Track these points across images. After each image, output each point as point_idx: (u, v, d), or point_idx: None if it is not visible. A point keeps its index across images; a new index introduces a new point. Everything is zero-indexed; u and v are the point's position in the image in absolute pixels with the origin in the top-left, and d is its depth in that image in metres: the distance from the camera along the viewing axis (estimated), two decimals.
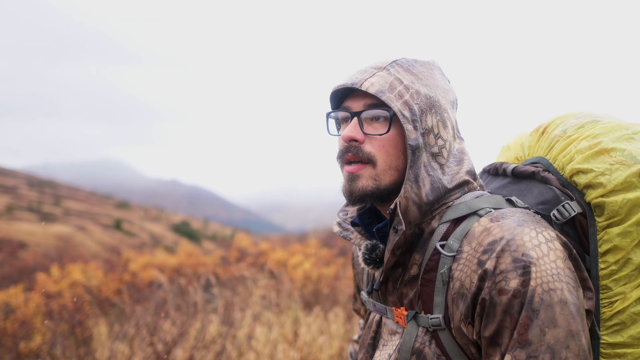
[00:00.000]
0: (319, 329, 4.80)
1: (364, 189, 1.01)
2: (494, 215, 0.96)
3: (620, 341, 0.97)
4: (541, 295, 0.85)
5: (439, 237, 0.99)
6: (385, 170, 1.00)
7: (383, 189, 1.01)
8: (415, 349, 0.99)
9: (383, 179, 1.00)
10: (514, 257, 0.87)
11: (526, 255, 0.87)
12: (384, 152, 1.00)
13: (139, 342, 4.07)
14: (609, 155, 0.99)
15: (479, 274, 0.90)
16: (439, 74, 1.08)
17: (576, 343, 0.84)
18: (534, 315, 0.84)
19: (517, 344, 0.85)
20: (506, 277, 0.87)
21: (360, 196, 1.01)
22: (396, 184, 1.01)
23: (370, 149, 1.00)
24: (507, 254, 0.88)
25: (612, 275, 0.97)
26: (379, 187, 1.01)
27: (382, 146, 1.00)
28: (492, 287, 0.88)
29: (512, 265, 0.87)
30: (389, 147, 1.00)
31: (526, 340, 0.84)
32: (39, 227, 26.58)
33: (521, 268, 0.86)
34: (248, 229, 43.65)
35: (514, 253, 0.88)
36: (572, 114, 1.15)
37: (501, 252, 0.89)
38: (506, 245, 0.89)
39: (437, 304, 0.97)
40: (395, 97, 0.97)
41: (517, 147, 1.24)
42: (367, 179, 1.01)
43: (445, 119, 1.03)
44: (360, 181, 1.01)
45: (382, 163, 1.00)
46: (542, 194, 1.06)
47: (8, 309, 5.55)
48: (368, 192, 1.01)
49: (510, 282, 0.86)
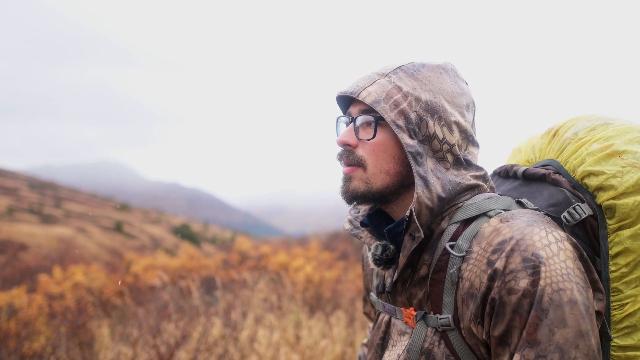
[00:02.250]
0: (320, 332, 4.80)
1: (356, 191, 1.05)
2: (503, 216, 0.97)
3: (631, 344, 0.98)
4: (551, 295, 0.85)
5: (448, 238, 1.00)
6: (375, 173, 1.03)
7: (375, 192, 1.04)
8: (424, 349, 0.99)
9: (374, 182, 1.04)
10: (523, 256, 0.88)
11: (536, 255, 0.87)
12: (374, 156, 1.03)
13: (142, 344, 4.08)
14: (620, 157, 1.00)
15: (489, 273, 0.90)
16: (450, 78, 1.07)
17: (585, 343, 0.84)
18: (543, 314, 0.85)
19: (526, 344, 0.85)
20: (516, 276, 0.87)
21: (351, 197, 1.06)
22: (388, 188, 1.04)
23: (361, 153, 1.04)
24: (516, 254, 0.88)
25: (622, 278, 0.98)
26: (371, 190, 1.04)
27: (372, 151, 1.04)
28: (501, 287, 0.88)
29: (521, 265, 0.87)
30: (379, 151, 1.03)
31: (535, 339, 0.85)
32: (40, 228, 26.58)
33: (531, 268, 0.87)
34: (248, 232, 43.56)
35: (523, 253, 0.88)
36: (583, 117, 1.15)
37: (511, 251, 0.89)
38: (516, 244, 0.89)
39: (446, 304, 0.97)
40: (390, 107, 0.99)
41: (528, 149, 1.24)
42: (358, 181, 1.05)
43: (451, 123, 1.03)
44: (353, 183, 1.05)
45: (371, 167, 1.04)
46: (552, 196, 1.06)
47: (11, 310, 5.55)
48: (359, 194, 1.05)
49: (520, 281, 0.87)
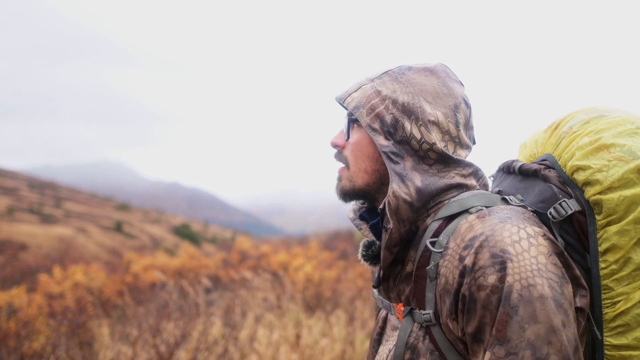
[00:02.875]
0: (320, 331, 4.81)
1: (343, 188, 1.15)
2: (481, 213, 0.97)
3: (625, 343, 0.95)
4: (520, 292, 0.84)
5: (430, 234, 1.01)
6: (356, 172, 1.12)
7: (358, 189, 1.13)
8: (409, 344, 1.00)
9: (356, 180, 1.12)
10: (492, 252, 0.87)
11: (504, 251, 0.87)
12: (353, 156, 1.13)
13: (141, 343, 4.09)
14: (607, 151, 0.98)
15: (460, 269, 0.90)
16: (438, 79, 1.09)
17: (558, 339, 0.83)
18: (513, 311, 0.84)
19: (496, 341, 0.84)
20: (484, 272, 0.87)
21: (342, 194, 1.16)
22: (369, 185, 1.12)
23: (346, 153, 1.14)
24: (485, 250, 0.88)
25: (612, 275, 0.96)
26: (354, 188, 1.13)
27: (352, 151, 1.13)
28: (471, 283, 0.88)
29: (490, 261, 0.87)
30: (357, 151, 1.12)
31: (505, 336, 0.84)
32: (39, 228, 26.58)
33: (499, 264, 0.86)
34: (248, 231, 43.54)
35: (492, 249, 0.88)
36: (583, 110, 1.14)
37: (480, 247, 0.89)
38: (485, 240, 0.89)
39: (428, 299, 0.98)
40: (367, 111, 1.06)
41: (532, 144, 1.24)
42: (345, 180, 1.14)
43: (428, 123, 1.04)
44: (342, 181, 1.15)
45: (352, 166, 1.13)
46: (542, 192, 1.06)
47: (11, 309, 5.56)
48: (347, 191, 1.14)
49: (489, 277, 0.86)
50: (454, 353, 0.96)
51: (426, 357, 0.98)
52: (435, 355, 0.97)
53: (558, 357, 0.82)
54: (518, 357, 0.82)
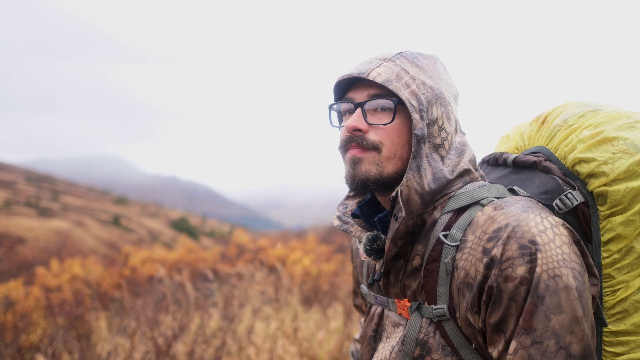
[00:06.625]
0: (318, 324, 4.82)
1: (367, 173, 1.00)
2: (497, 204, 0.97)
3: (623, 329, 0.98)
4: (547, 282, 0.85)
5: (441, 228, 0.99)
6: (389, 157, 1.00)
7: (386, 177, 1.01)
8: (419, 340, 0.99)
9: (386, 166, 1.00)
10: (520, 243, 0.88)
11: (532, 242, 0.87)
12: (389, 140, 1.00)
13: (139, 336, 4.09)
14: (611, 144, 1.00)
15: (485, 262, 0.90)
16: (442, 68, 1.09)
17: (580, 328, 0.85)
18: (539, 301, 0.85)
19: (522, 330, 0.86)
20: (513, 264, 0.87)
21: (362, 180, 1.01)
22: (399, 173, 1.01)
23: (374, 137, 1.01)
24: (513, 241, 0.88)
25: (614, 264, 0.98)
26: (382, 174, 1.00)
27: (387, 134, 1.00)
28: (498, 275, 0.88)
29: (518, 252, 0.87)
30: (394, 135, 1.01)
31: (531, 326, 0.85)
32: (37, 222, 26.54)
33: (528, 255, 0.87)
34: (246, 225, 43.58)
35: (520, 240, 0.88)
36: (572, 103, 1.15)
37: (507, 239, 0.89)
38: (512, 232, 0.89)
39: (440, 294, 0.97)
40: (403, 86, 0.98)
41: (517, 136, 1.24)
42: (370, 164, 1.00)
43: (449, 111, 1.04)
44: (364, 165, 1.01)
45: (386, 150, 1.00)
46: (544, 183, 1.06)
47: (8, 302, 5.55)
48: (371, 177, 1.00)
49: (517, 269, 0.87)
50: (468, 347, 0.96)
51: (438, 353, 0.97)
52: (447, 350, 0.97)
53: (579, 345, 0.84)
54: (543, 346, 0.84)
